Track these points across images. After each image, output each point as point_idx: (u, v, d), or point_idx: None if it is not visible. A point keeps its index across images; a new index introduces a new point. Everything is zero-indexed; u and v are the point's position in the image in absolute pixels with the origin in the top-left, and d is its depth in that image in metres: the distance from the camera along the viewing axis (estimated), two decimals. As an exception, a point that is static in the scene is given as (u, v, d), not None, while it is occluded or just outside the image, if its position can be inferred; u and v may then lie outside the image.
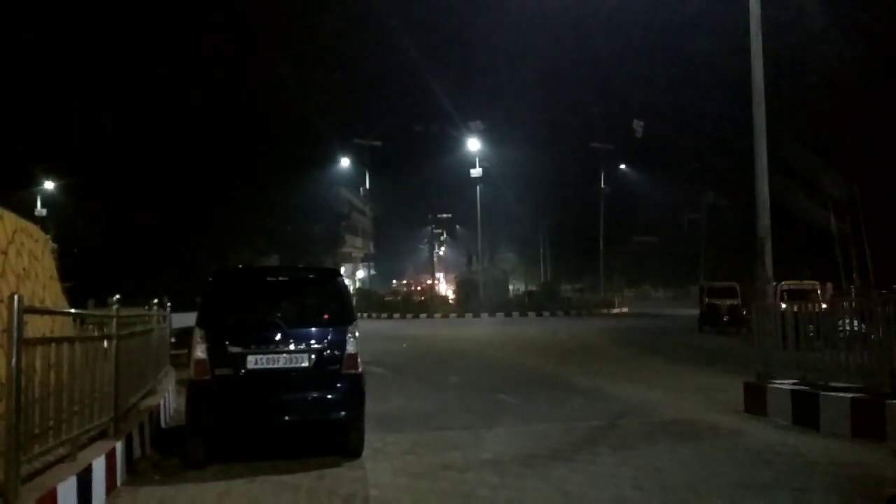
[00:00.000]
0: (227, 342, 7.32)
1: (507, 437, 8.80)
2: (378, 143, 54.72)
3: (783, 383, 9.46)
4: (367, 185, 57.89)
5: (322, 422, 7.71)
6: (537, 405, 11.20)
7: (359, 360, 7.65)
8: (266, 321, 7.65)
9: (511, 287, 61.75)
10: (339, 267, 43.95)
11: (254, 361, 7.32)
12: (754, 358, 10.49)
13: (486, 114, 53.92)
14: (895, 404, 7.74)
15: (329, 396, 7.50)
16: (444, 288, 66.65)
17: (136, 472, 7.10)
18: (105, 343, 7.06)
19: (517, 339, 26.48)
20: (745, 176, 13.72)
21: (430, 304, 50.40)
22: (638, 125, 50.54)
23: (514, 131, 57.24)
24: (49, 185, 44.25)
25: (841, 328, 9.33)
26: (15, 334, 4.68)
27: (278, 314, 7.75)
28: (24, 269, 8.12)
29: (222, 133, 36.09)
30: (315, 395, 7.49)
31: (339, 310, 7.91)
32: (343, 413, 7.53)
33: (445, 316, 45.57)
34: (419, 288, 62.40)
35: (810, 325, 9.66)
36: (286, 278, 8.75)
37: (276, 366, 7.37)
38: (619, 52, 57.55)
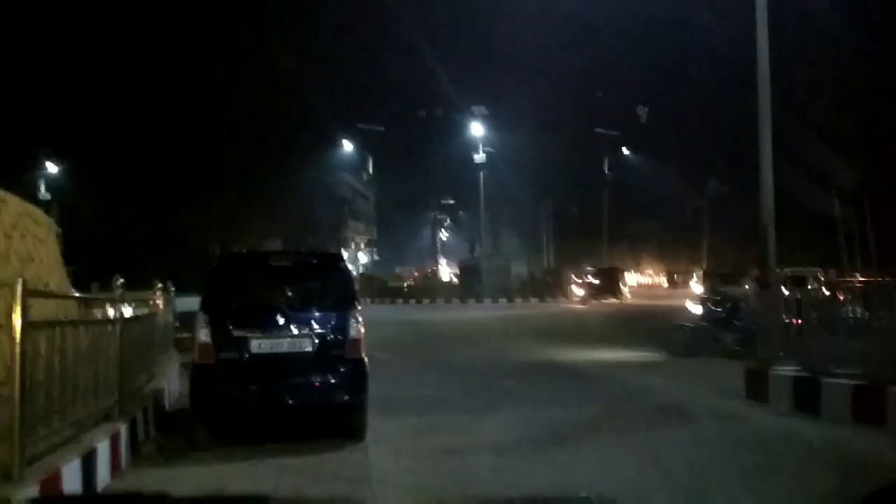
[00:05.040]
0: (230, 326, 7.35)
1: (508, 422, 8.83)
2: (381, 128, 54.57)
3: (784, 369, 9.47)
4: (371, 170, 57.83)
5: (325, 405, 7.75)
6: (539, 390, 11.25)
7: (362, 344, 7.67)
8: (270, 305, 7.68)
9: (513, 271, 61.62)
10: (342, 252, 43.94)
11: (257, 345, 7.35)
12: (756, 343, 10.50)
13: (489, 99, 53.59)
14: (896, 391, 7.76)
15: (332, 380, 7.54)
16: (448, 273, 66.51)
17: (140, 454, 7.15)
18: (109, 327, 7.09)
19: (519, 324, 26.47)
20: (749, 162, 13.68)
21: (433, 289, 50.36)
22: (642, 111, 50.40)
23: (517, 116, 56.85)
24: (53, 169, 44.20)
25: (843, 315, 9.33)
26: (20, 318, 4.71)
27: (282, 298, 7.77)
28: (28, 252, 8.12)
29: (226, 117, 36.04)
30: (318, 379, 7.53)
31: (342, 294, 7.93)
32: (346, 397, 7.57)
33: (448, 301, 45.54)
34: (428, 273, 62.22)
35: (812, 312, 9.67)
36: (290, 263, 8.76)
37: (279, 350, 7.41)
38: (623, 36, 57.17)
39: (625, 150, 58.10)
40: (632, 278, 58.25)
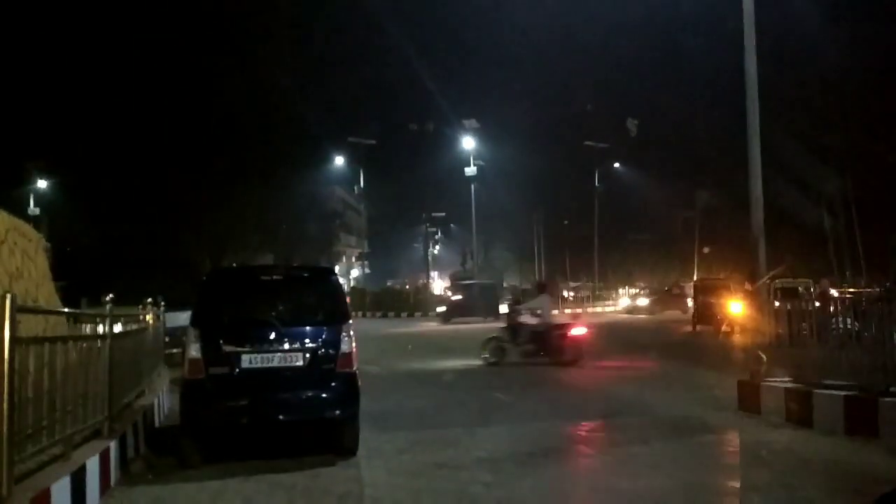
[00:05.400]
0: (221, 341, 7.30)
1: (501, 436, 8.81)
2: (372, 142, 54.65)
3: (777, 381, 9.48)
4: (362, 184, 57.84)
5: (317, 421, 7.71)
6: (532, 403, 11.23)
7: (354, 358, 7.64)
8: (261, 320, 7.63)
9: (505, 285, 61.70)
10: (334, 266, 43.91)
11: (248, 360, 7.30)
12: (748, 356, 10.51)
13: (480, 112, 53.84)
14: (888, 402, 7.77)
15: (324, 395, 7.49)
16: (440, 286, 66.53)
17: (130, 471, 7.08)
18: (98, 342, 7.04)
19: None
20: (739, 174, 13.75)
21: (425, 302, 50.26)
22: (632, 124, 50.62)
23: (508, 130, 57.21)
24: (42, 183, 44.04)
25: (834, 326, 9.35)
26: (8, 334, 4.66)
27: (273, 313, 7.73)
28: (17, 268, 8.09)
29: (216, 131, 36.01)
30: (310, 394, 7.48)
31: (333, 309, 7.90)
32: (338, 412, 7.53)
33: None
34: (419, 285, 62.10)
35: (803, 323, 9.69)
36: (281, 277, 8.73)
37: (270, 365, 7.36)
38: (613, 50, 57.73)
39: (616, 164, 58.37)
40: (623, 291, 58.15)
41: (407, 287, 58.80)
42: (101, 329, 7.28)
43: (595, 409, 10.50)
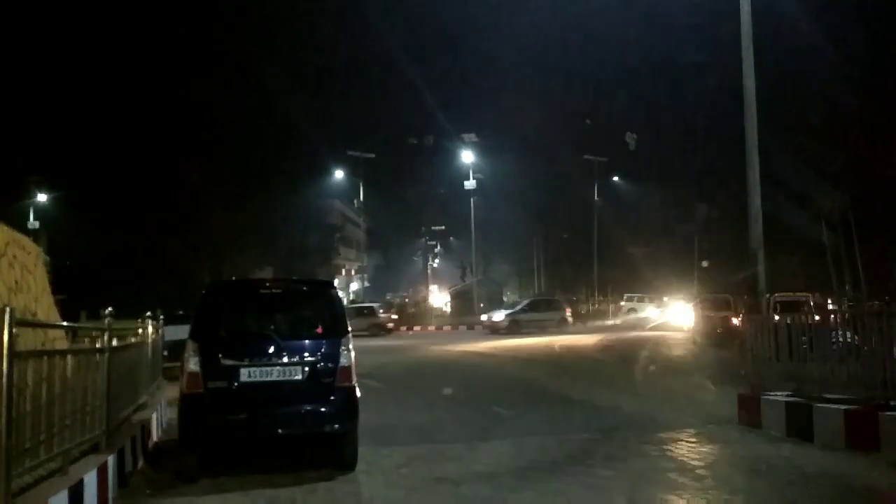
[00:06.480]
0: (220, 355, 7.28)
1: (501, 450, 8.77)
2: (372, 155, 54.70)
3: (777, 395, 9.47)
4: (361, 197, 57.82)
5: (316, 435, 7.68)
6: (532, 417, 11.18)
7: (353, 372, 7.62)
8: (259, 334, 7.62)
9: (505, 298, 61.65)
10: (333, 279, 43.87)
11: (247, 374, 7.29)
12: (748, 370, 10.49)
13: (479, 126, 54.04)
14: (888, 416, 7.76)
15: (323, 409, 7.47)
16: (439, 300, 66.40)
17: (128, 486, 7.05)
18: (97, 356, 7.02)
19: (511, 351, 26.42)
20: (739, 188, 13.79)
21: (425, 315, 50.23)
22: (631, 138, 50.81)
23: (507, 143, 57.43)
24: (42, 197, 44.05)
25: (833, 340, 9.35)
26: (6, 348, 4.65)
27: (272, 327, 7.72)
28: (16, 281, 8.09)
29: (216, 145, 36.12)
30: (309, 408, 7.46)
31: (332, 322, 7.88)
32: (337, 426, 7.50)
33: (439, 328, 45.44)
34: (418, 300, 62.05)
35: (803, 337, 9.68)
36: (280, 291, 8.72)
37: (269, 378, 7.34)
38: (612, 64, 57.97)
39: (615, 177, 58.55)
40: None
41: (406, 300, 58.70)
42: (99, 343, 7.27)
43: (595, 422, 10.47)
